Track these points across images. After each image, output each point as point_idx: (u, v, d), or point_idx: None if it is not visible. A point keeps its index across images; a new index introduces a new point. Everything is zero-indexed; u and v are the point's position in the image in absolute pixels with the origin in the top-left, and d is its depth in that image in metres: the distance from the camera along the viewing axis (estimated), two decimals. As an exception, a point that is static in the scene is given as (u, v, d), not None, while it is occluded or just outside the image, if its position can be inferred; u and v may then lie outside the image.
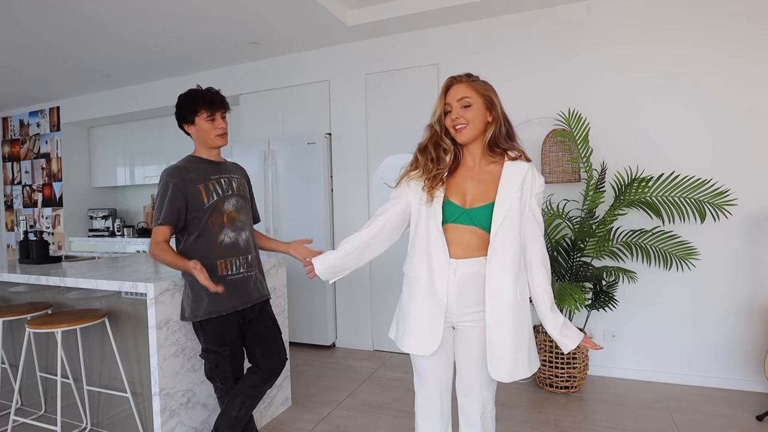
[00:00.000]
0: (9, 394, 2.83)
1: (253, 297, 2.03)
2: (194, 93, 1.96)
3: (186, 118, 1.98)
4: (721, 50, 2.91)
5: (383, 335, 3.86)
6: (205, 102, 1.93)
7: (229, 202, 1.99)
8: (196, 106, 1.94)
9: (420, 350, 1.50)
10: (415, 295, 1.52)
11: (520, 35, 3.38)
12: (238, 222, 2.02)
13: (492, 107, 1.48)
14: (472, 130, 1.47)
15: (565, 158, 3.21)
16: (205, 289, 1.82)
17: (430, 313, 1.48)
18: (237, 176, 2.09)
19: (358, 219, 3.89)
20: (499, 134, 1.49)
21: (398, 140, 3.78)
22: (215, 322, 1.94)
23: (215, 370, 1.98)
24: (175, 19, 3.41)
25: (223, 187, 2.00)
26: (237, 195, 2.04)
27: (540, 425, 2.55)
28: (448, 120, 1.50)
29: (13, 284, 2.77)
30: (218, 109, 1.96)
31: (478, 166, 1.52)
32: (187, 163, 2.00)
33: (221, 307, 1.93)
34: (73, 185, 5.74)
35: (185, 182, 1.91)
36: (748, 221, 2.90)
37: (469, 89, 1.47)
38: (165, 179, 1.92)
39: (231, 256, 1.97)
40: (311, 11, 3.31)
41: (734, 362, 2.95)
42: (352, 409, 2.78)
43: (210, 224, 1.94)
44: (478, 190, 1.48)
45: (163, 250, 1.86)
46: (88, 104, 5.43)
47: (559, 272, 3.02)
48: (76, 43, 3.83)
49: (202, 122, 1.95)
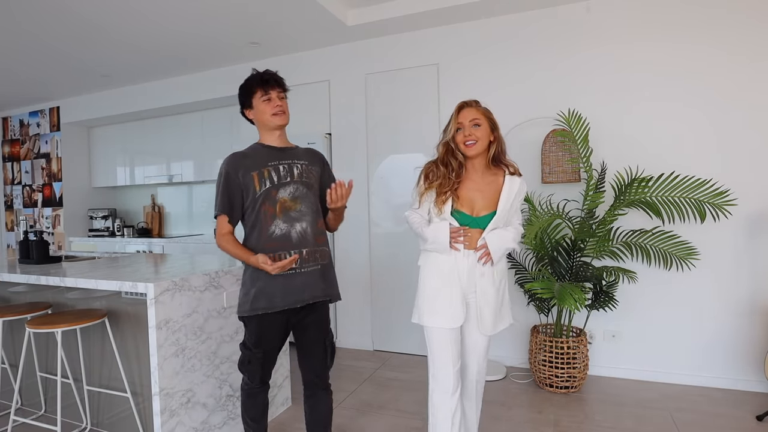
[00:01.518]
0: (9, 394, 2.83)
1: (302, 297, 1.84)
2: (250, 77, 1.91)
3: (244, 102, 1.92)
4: (721, 48, 2.91)
5: (383, 335, 3.87)
6: (260, 81, 1.87)
7: (284, 190, 1.85)
8: (252, 88, 1.88)
9: (447, 324, 1.83)
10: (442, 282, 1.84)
11: (520, 35, 3.38)
12: (293, 212, 1.85)
13: (495, 128, 1.84)
14: (479, 146, 1.80)
15: (565, 158, 3.21)
16: (254, 285, 1.81)
17: (456, 296, 1.83)
18: (304, 162, 1.93)
19: (358, 218, 3.89)
20: (500, 151, 1.86)
21: (398, 140, 3.78)
22: (256, 322, 1.85)
23: (246, 365, 1.91)
24: (175, 20, 3.41)
25: (280, 173, 1.85)
26: (297, 182, 1.87)
27: (540, 425, 2.55)
28: (459, 136, 1.82)
29: (13, 284, 2.77)
30: (273, 87, 1.87)
31: (480, 178, 1.86)
32: (248, 149, 1.92)
33: (263, 305, 1.81)
34: (73, 185, 5.75)
35: (239, 170, 1.84)
36: (748, 221, 2.90)
37: (478, 112, 1.82)
38: (221, 168, 1.87)
39: (280, 250, 1.81)
40: (311, 11, 3.31)
41: (734, 362, 2.95)
42: (352, 409, 2.78)
43: (263, 214, 1.83)
44: (482, 201, 1.84)
45: (227, 242, 1.84)
46: (88, 104, 5.43)
47: (559, 272, 3.02)
48: (76, 45, 3.83)
49: (259, 103, 1.88)
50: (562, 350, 2.92)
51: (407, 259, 3.69)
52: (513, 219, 1.92)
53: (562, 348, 2.92)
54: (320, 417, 2.00)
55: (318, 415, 2.00)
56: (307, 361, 1.95)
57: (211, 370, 2.27)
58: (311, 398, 1.99)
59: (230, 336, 2.38)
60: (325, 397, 2.00)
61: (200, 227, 5.43)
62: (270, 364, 1.94)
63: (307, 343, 1.94)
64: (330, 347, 1.97)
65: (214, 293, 2.30)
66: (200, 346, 2.21)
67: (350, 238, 3.95)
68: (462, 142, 1.80)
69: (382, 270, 3.84)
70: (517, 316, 3.41)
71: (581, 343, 2.96)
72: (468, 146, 1.79)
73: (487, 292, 1.85)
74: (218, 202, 1.86)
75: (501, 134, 1.86)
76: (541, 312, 3.15)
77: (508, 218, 1.87)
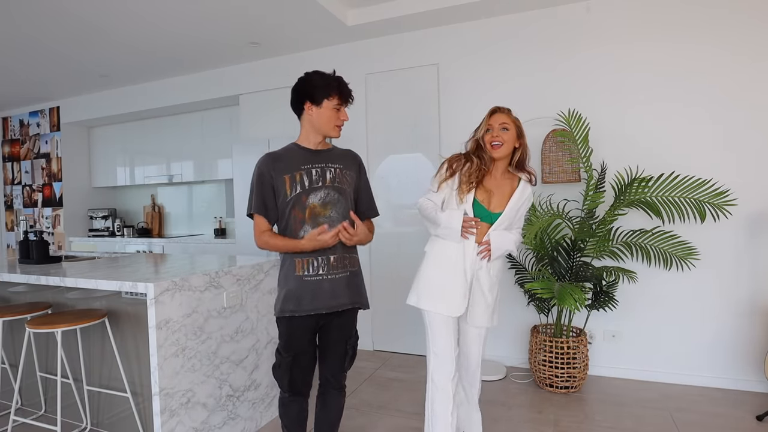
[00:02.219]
0: (9, 394, 2.83)
1: (330, 303, 1.81)
2: (330, 77, 1.83)
3: (314, 97, 1.81)
4: (722, 48, 2.91)
5: (383, 335, 3.87)
6: (341, 90, 1.82)
7: (315, 195, 1.81)
8: (331, 90, 1.81)
9: (451, 312, 1.92)
10: (448, 271, 1.94)
11: (521, 35, 3.38)
12: (322, 218, 1.81)
13: (521, 136, 1.94)
14: (505, 149, 1.90)
15: (565, 158, 3.21)
16: (285, 287, 1.82)
17: (461, 286, 1.92)
18: (338, 165, 1.88)
19: (358, 219, 3.88)
20: (523, 158, 1.97)
21: (398, 140, 3.78)
22: (285, 323, 1.84)
23: (276, 369, 1.91)
24: (175, 22, 3.41)
25: (312, 177, 1.82)
26: (329, 187, 1.83)
27: (540, 425, 2.55)
28: (488, 137, 1.91)
29: (13, 284, 2.77)
30: (346, 102, 1.86)
31: (500, 179, 1.96)
32: (283, 150, 1.89)
33: (292, 308, 1.80)
34: (73, 185, 5.75)
35: (272, 171, 1.82)
36: (748, 221, 2.90)
37: (508, 118, 1.92)
38: (255, 167, 1.86)
39: (308, 256, 1.80)
40: (311, 11, 3.31)
41: (734, 362, 2.95)
42: (352, 409, 2.78)
43: (293, 218, 1.81)
44: (498, 200, 1.94)
45: (270, 237, 1.82)
46: (88, 104, 5.43)
47: (559, 272, 3.02)
48: (75, 46, 3.84)
49: (329, 108, 1.82)
50: (562, 350, 2.92)
51: (407, 259, 3.69)
52: (515, 224, 2.02)
53: (562, 348, 2.92)
54: (328, 415, 2.01)
55: (327, 413, 2.01)
56: (325, 360, 1.95)
57: (211, 370, 2.26)
58: (323, 395, 2.00)
59: (230, 336, 2.38)
60: (337, 397, 2.00)
61: (200, 227, 5.43)
62: (299, 371, 1.89)
63: (329, 343, 1.92)
64: (351, 350, 1.96)
65: (214, 293, 2.30)
66: (200, 346, 2.21)
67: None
68: (489, 142, 1.90)
69: (382, 270, 3.84)
70: (517, 316, 3.41)
71: (581, 343, 2.96)
72: (494, 147, 1.90)
73: (484, 285, 1.96)
74: (253, 203, 1.84)
75: (526, 142, 1.96)
76: (541, 312, 3.15)
77: (512, 222, 1.98)
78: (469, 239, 1.91)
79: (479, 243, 1.93)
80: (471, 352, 2.07)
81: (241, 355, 2.42)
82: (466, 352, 2.07)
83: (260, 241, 1.83)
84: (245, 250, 4.14)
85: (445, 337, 1.94)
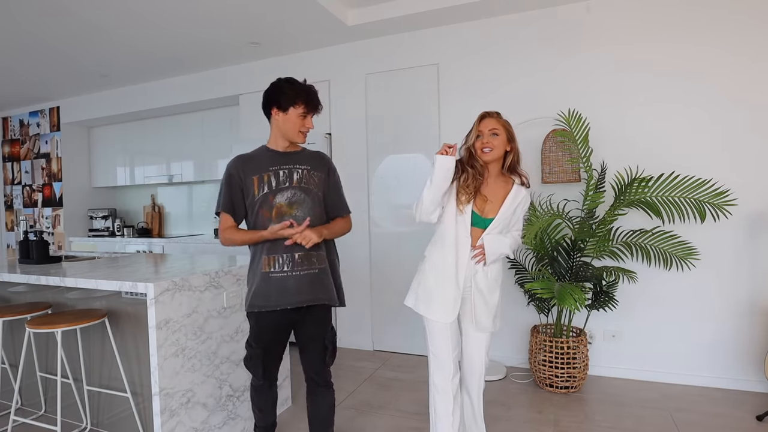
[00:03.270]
0: (9, 394, 2.83)
1: (294, 299, 1.87)
2: (299, 85, 1.91)
3: (281, 104, 1.89)
4: (722, 49, 2.91)
5: (383, 335, 3.87)
6: (308, 99, 1.89)
7: (282, 195, 1.89)
8: (298, 99, 1.88)
9: (440, 318, 1.94)
10: (443, 277, 1.95)
11: (521, 35, 3.38)
12: (288, 216, 1.88)
13: (512, 140, 1.95)
14: (495, 153, 1.92)
15: (565, 158, 3.21)
16: (252, 283, 1.91)
17: (452, 293, 1.94)
18: (306, 167, 1.95)
19: (358, 219, 3.88)
20: (515, 161, 1.98)
21: (398, 140, 3.78)
22: (255, 318, 1.92)
23: (248, 361, 2.00)
24: (174, 21, 3.41)
25: (280, 178, 1.90)
26: (296, 187, 1.91)
27: (540, 425, 2.55)
28: (478, 143, 1.93)
29: (13, 284, 2.77)
30: (313, 111, 1.93)
31: (493, 182, 1.98)
32: (253, 152, 1.98)
33: (259, 303, 1.87)
34: (73, 185, 5.74)
35: (242, 173, 1.91)
36: (748, 221, 2.90)
37: (498, 123, 1.93)
38: (226, 168, 1.95)
39: (274, 253, 1.88)
40: (311, 11, 3.31)
41: (734, 362, 2.95)
42: (352, 409, 2.78)
43: (261, 217, 1.89)
44: (491, 205, 1.96)
45: (232, 233, 1.91)
46: (88, 104, 5.43)
47: (559, 272, 3.02)
48: (76, 46, 3.83)
49: (295, 115, 1.89)
50: (562, 350, 2.92)
51: (407, 260, 3.69)
52: (513, 227, 2.04)
53: (562, 348, 2.92)
54: (320, 414, 2.03)
55: (318, 412, 2.03)
56: (305, 358, 2.01)
57: (211, 370, 2.27)
58: (311, 395, 2.04)
59: (230, 336, 2.38)
60: (325, 395, 2.02)
61: (200, 227, 5.43)
62: (271, 362, 2.00)
63: (306, 341, 1.98)
64: (330, 345, 2.00)
65: (214, 293, 2.30)
66: (200, 346, 2.21)
67: (350, 238, 3.92)
68: (480, 148, 1.92)
69: (382, 270, 3.84)
70: (517, 316, 3.41)
71: (581, 343, 2.96)
72: (484, 152, 1.91)
73: (483, 288, 1.98)
74: (221, 201, 1.93)
75: (517, 146, 1.98)
76: (541, 312, 3.15)
77: (508, 225, 2.00)
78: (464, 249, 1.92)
79: (473, 247, 1.94)
80: (474, 358, 2.06)
81: (241, 355, 2.42)
82: (469, 357, 2.07)
83: (223, 237, 1.93)
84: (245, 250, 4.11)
85: (443, 339, 1.96)
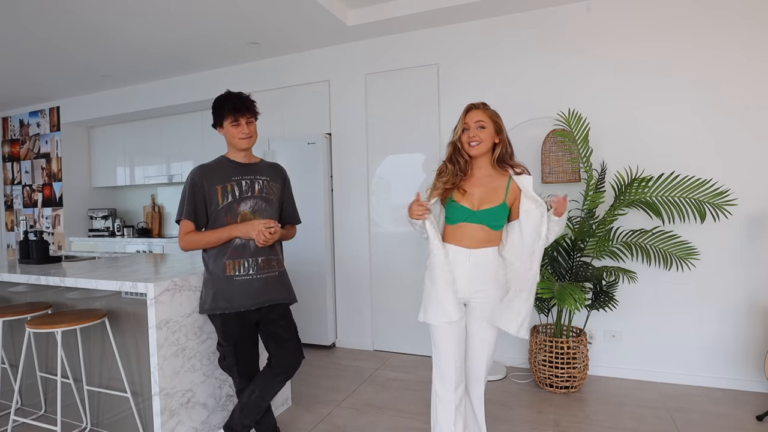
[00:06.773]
0: (9, 394, 2.83)
1: (259, 300, 2.03)
2: (221, 98, 2.05)
3: (216, 120, 2.07)
4: (722, 49, 2.91)
5: (383, 335, 3.87)
6: (231, 107, 2.01)
7: (246, 204, 2.03)
8: (223, 111, 2.02)
9: (444, 318, 1.85)
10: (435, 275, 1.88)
11: (520, 35, 3.38)
12: None
13: (500, 131, 1.89)
14: (483, 146, 1.86)
15: (565, 158, 3.21)
16: (214, 287, 2.01)
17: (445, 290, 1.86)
18: (266, 178, 2.11)
19: (358, 219, 3.89)
20: (505, 153, 1.90)
21: (398, 140, 3.78)
22: (218, 319, 2.03)
23: (223, 361, 2.13)
24: (175, 21, 3.41)
25: (242, 188, 2.04)
26: (257, 197, 2.06)
27: (540, 425, 2.55)
28: (465, 137, 1.88)
29: (13, 284, 2.77)
30: (242, 115, 2.02)
31: (485, 176, 1.90)
32: (214, 162, 2.10)
33: (223, 305, 1.99)
34: (73, 185, 5.75)
35: (205, 181, 2.01)
36: (748, 221, 2.90)
37: (485, 114, 1.87)
38: (188, 177, 2.04)
39: (239, 258, 2.01)
40: (311, 11, 3.31)
41: (734, 362, 2.95)
42: (352, 409, 2.78)
43: (225, 225, 2.00)
44: (485, 195, 1.87)
45: (194, 236, 2.00)
46: (88, 104, 5.43)
47: (559, 272, 3.02)
48: (76, 46, 3.83)
49: (228, 126, 2.03)
50: (562, 350, 2.92)
51: (407, 259, 3.70)
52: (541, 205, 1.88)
53: (562, 348, 2.92)
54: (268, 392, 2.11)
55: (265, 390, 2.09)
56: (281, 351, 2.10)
57: (211, 370, 2.27)
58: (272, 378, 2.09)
59: (230, 336, 2.38)
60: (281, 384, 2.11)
61: (200, 227, 5.42)
62: (244, 357, 2.11)
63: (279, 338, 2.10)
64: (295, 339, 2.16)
65: (214, 293, 2.30)
66: (200, 346, 2.21)
67: (350, 238, 3.95)
68: (467, 142, 1.87)
69: (382, 270, 3.84)
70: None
71: (581, 343, 2.96)
72: (471, 146, 1.86)
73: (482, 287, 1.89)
74: (183, 209, 2.01)
75: (506, 137, 1.91)
76: (541, 312, 3.15)
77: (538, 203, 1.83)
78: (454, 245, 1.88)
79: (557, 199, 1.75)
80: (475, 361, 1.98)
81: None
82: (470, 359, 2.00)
83: (184, 242, 2.01)
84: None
85: (447, 349, 1.90)
